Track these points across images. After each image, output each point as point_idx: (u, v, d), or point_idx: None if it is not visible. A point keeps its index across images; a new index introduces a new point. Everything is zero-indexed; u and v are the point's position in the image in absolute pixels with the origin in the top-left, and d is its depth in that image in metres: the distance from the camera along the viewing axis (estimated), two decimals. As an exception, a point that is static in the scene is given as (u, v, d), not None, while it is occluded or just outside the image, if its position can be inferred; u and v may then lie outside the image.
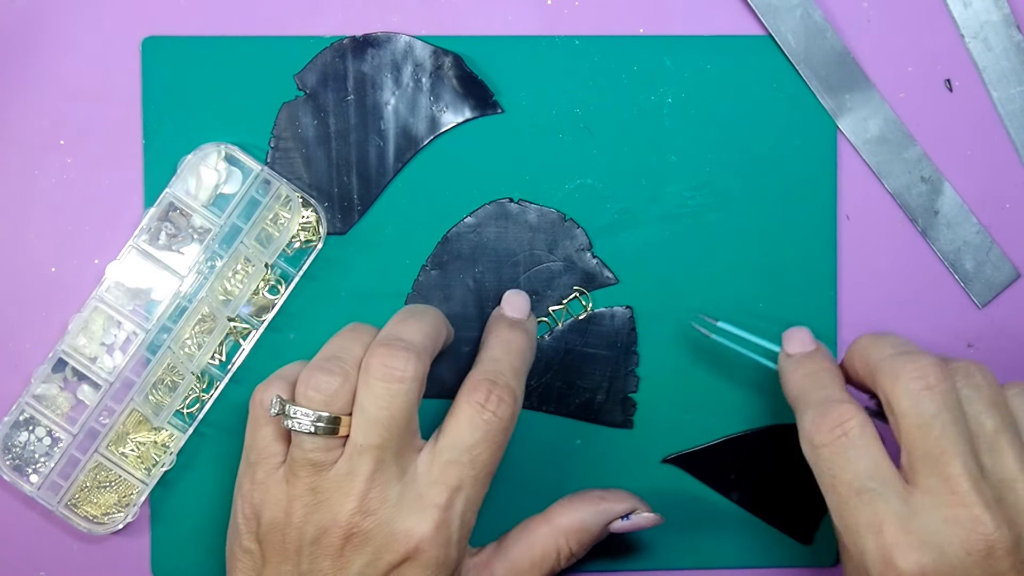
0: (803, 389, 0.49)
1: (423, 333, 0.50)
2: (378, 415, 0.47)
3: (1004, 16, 0.57)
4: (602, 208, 0.56)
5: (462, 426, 0.48)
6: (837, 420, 0.46)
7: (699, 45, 0.56)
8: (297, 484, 0.48)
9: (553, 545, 0.51)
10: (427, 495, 0.48)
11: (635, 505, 0.52)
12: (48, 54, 0.56)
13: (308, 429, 0.47)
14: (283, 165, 0.55)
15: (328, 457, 0.48)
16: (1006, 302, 0.57)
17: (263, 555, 0.49)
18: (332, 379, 0.48)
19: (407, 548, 0.47)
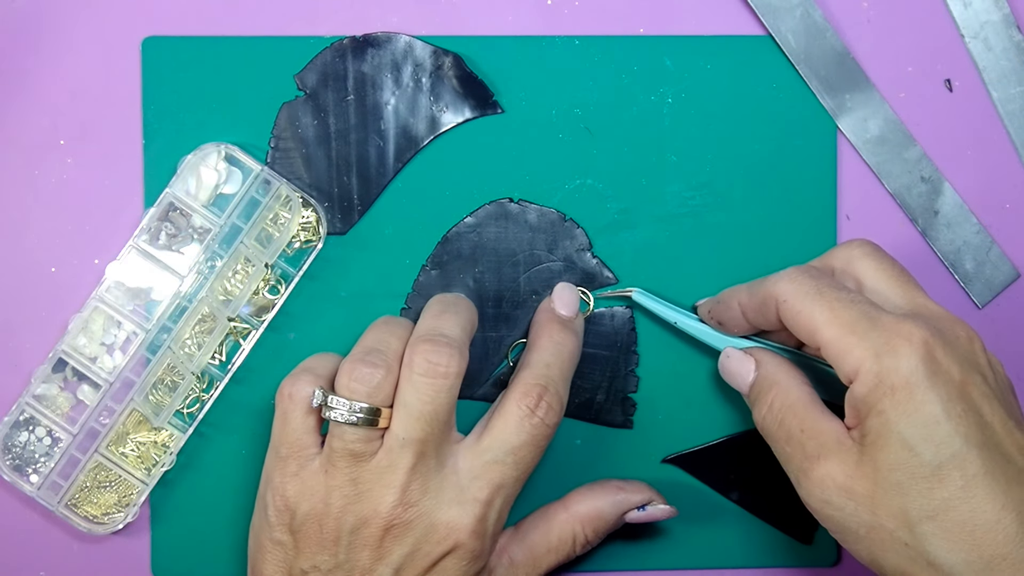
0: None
1: (461, 327, 0.51)
2: (422, 409, 0.48)
3: (1004, 16, 0.57)
4: (602, 208, 0.56)
5: (509, 427, 0.49)
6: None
7: (699, 45, 0.56)
8: (336, 475, 0.49)
9: (569, 531, 0.52)
10: (469, 489, 0.49)
11: (651, 496, 0.53)
12: (48, 54, 0.56)
13: (350, 420, 0.48)
14: (283, 165, 0.55)
15: (368, 448, 0.49)
16: (1006, 302, 0.57)
17: (296, 546, 0.49)
18: (375, 372, 0.49)
19: (448, 540, 0.48)
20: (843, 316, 0.45)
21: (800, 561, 0.57)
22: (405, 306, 0.56)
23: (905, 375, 0.43)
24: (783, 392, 0.49)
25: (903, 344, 0.44)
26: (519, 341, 0.56)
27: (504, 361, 0.56)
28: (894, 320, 0.45)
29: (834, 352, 0.45)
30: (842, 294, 0.46)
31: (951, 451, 0.43)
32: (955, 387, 0.44)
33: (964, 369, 0.44)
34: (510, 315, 0.56)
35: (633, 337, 0.56)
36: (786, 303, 0.47)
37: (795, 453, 0.47)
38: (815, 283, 0.47)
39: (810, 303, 0.46)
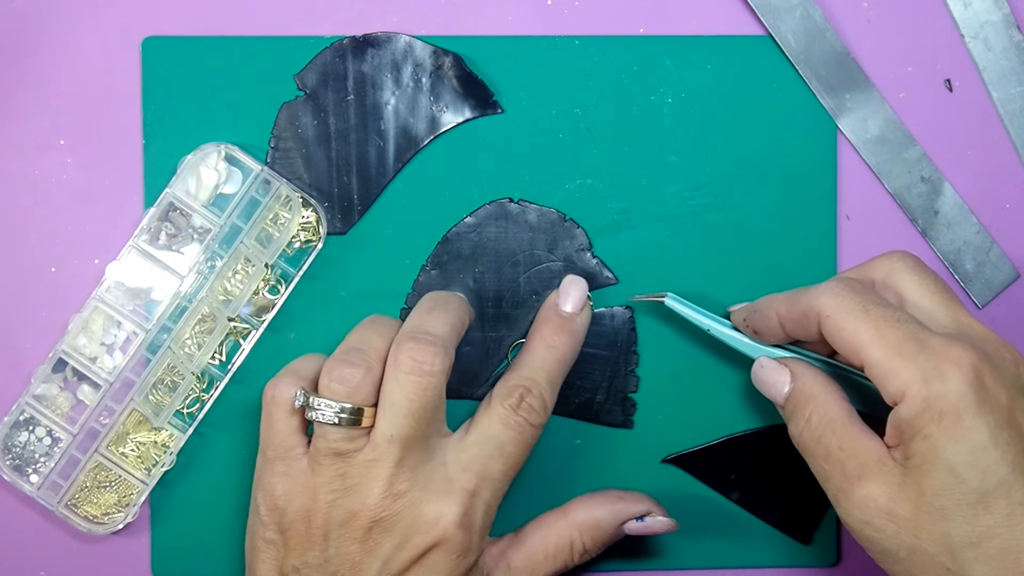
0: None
1: (449, 324, 0.51)
2: (409, 407, 0.49)
3: (1004, 16, 0.57)
4: (602, 208, 0.56)
5: (494, 423, 0.50)
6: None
7: (699, 45, 0.56)
8: (323, 472, 0.49)
9: (567, 538, 0.52)
10: (456, 480, 0.49)
11: (651, 507, 0.53)
12: (48, 54, 0.56)
13: (332, 420, 0.48)
14: (283, 165, 0.55)
15: (352, 446, 0.49)
16: (1006, 302, 0.57)
17: (286, 544, 0.49)
18: (355, 371, 0.49)
19: (435, 531, 0.48)
20: (889, 336, 0.44)
21: (800, 561, 0.57)
22: (405, 306, 0.56)
23: (954, 401, 0.43)
24: (821, 407, 0.48)
25: (952, 369, 0.43)
26: (519, 341, 0.56)
27: (504, 361, 0.56)
28: (942, 342, 0.44)
29: (880, 372, 0.44)
30: (888, 312, 0.45)
31: (997, 479, 0.42)
32: (1003, 413, 0.43)
33: (1011, 394, 0.44)
34: (510, 315, 0.56)
35: (633, 337, 0.56)
36: (829, 318, 0.46)
37: (834, 471, 0.46)
38: (860, 299, 0.46)
39: (855, 320, 0.45)
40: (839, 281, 0.47)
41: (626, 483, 0.56)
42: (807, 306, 0.47)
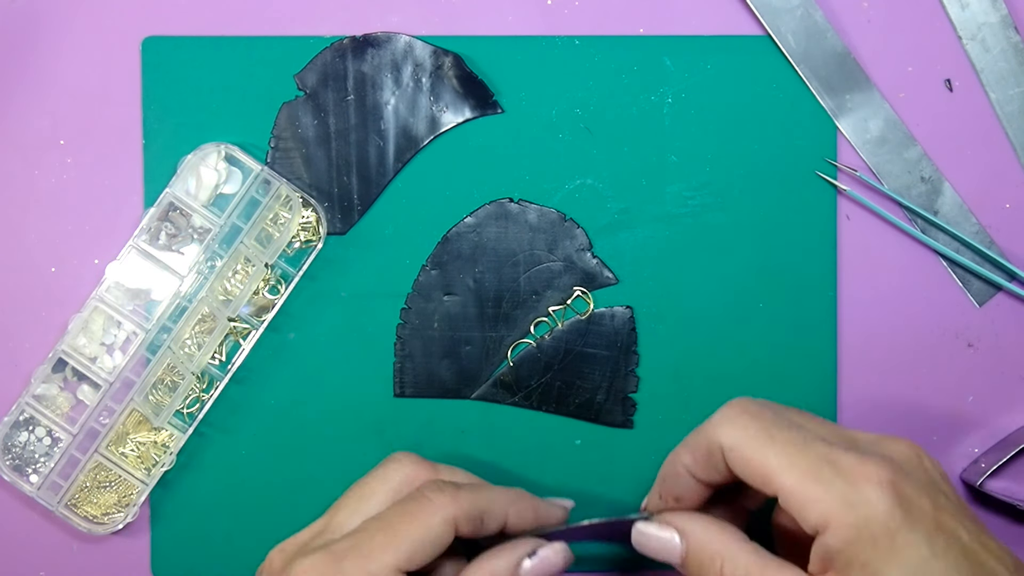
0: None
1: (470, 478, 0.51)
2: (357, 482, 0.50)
3: (1002, 18, 0.57)
4: (602, 208, 0.56)
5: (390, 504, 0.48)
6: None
7: (699, 45, 0.56)
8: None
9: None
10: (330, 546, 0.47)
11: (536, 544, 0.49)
12: (48, 54, 0.56)
13: None
14: (283, 165, 0.55)
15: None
16: (1005, 302, 0.58)
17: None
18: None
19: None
20: (801, 463, 0.42)
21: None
22: (405, 306, 0.56)
23: (884, 522, 0.41)
24: (731, 561, 0.45)
25: (873, 489, 0.42)
26: (519, 341, 0.56)
27: (504, 361, 0.56)
28: (855, 461, 0.42)
29: (796, 502, 0.42)
30: (794, 435, 0.43)
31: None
32: (930, 519, 0.42)
33: (931, 496, 0.43)
34: (510, 315, 0.56)
35: (633, 337, 0.56)
36: (733, 451, 0.44)
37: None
38: (761, 425, 0.44)
39: (761, 449, 0.43)
40: (735, 407, 0.45)
41: (626, 483, 0.56)
42: (708, 443, 0.45)
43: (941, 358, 0.57)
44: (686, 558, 0.46)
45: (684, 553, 0.46)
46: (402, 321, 0.56)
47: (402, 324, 0.56)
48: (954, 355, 0.57)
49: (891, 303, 0.57)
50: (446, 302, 0.56)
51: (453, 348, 0.56)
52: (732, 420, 0.45)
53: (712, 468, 0.46)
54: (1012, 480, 0.58)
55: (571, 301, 0.56)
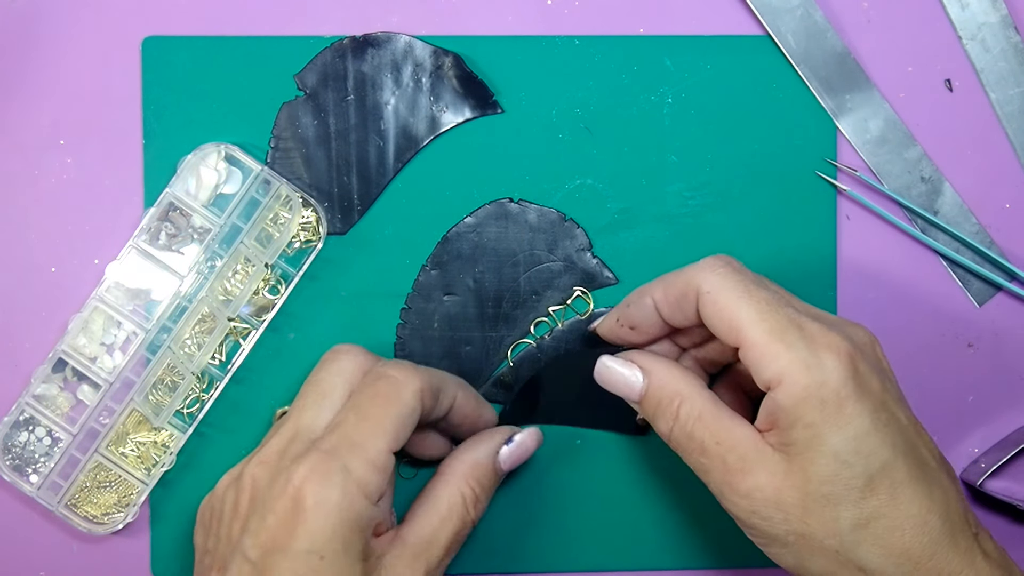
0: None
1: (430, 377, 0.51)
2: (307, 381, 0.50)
3: (1002, 17, 0.57)
4: (602, 208, 0.56)
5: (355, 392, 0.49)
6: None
7: (699, 45, 0.56)
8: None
9: (457, 494, 0.50)
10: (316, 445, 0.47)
11: (512, 430, 0.53)
12: (48, 54, 0.56)
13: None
14: (283, 165, 0.55)
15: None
16: (1005, 301, 0.58)
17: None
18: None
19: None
20: (770, 320, 0.45)
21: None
22: (405, 306, 0.56)
23: (835, 389, 0.43)
24: (688, 402, 0.47)
25: (831, 357, 0.44)
26: (519, 341, 0.56)
27: (504, 361, 0.56)
28: (820, 330, 0.45)
29: (756, 355, 0.45)
30: (769, 295, 0.46)
31: (881, 462, 0.44)
32: (877, 397, 0.44)
33: (879, 378, 0.45)
34: (510, 315, 0.56)
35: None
36: (709, 295, 0.46)
37: (714, 466, 0.46)
38: (741, 278, 0.46)
39: (736, 300, 0.45)
40: (719, 259, 0.47)
41: (626, 484, 0.56)
42: (686, 284, 0.47)
43: (941, 358, 0.57)
44: (645, 395, 0.49)
45: (644, 391, 0.49)
46: (402, 321, 0.56)
47: (402, 324, 0.56)
48: (954, 355, 0.57)
49: (891, 303, 0.57)
50: (446, 302, 0.56)
51: (453, 348, 0.56)
52: (715, 268, 0.47)
53: (680, 309, 0.48)
54: (1012, 480, 0.58)
55: (571, 301, 0.56)
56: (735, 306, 0.45)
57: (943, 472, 0.45)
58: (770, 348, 0.44)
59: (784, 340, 0.44)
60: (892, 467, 0.44)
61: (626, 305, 0.51)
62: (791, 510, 0.44)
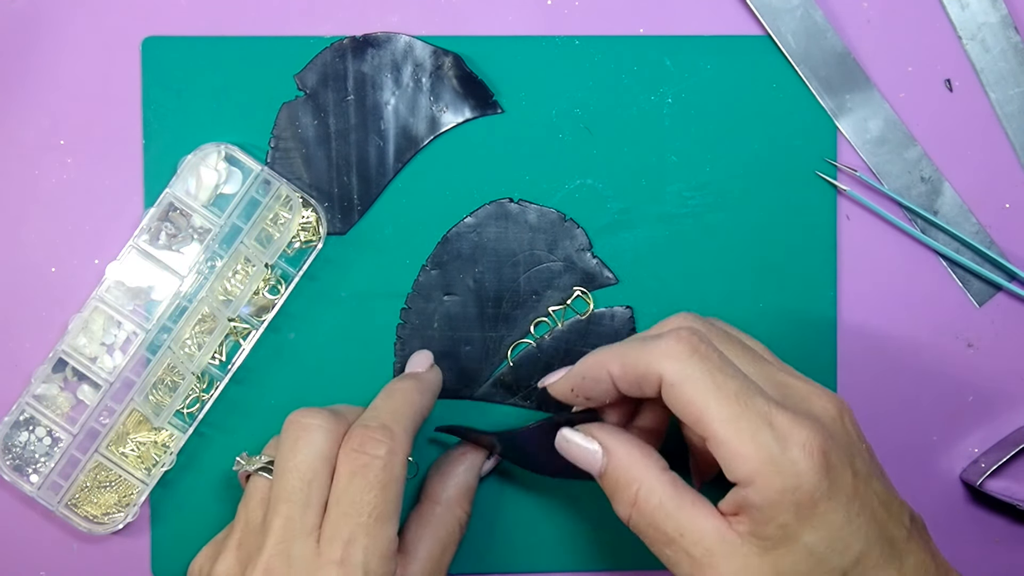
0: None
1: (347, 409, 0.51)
2: (284, 466, 0.48)
3: (1002, 18, 0.57)
4: (602, 208, 0.56)
5: (341, 477, 0.47)
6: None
7: (699, 45, 0.56)
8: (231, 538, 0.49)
9: (454, 521, 0.52)
10: (323, 553, 0.46)
11: (491, 444, 0.53)
12: (48, 54, 0.56)
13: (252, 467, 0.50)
14: (283, 165, 0.55)
15: (259, 510, 0.49)
16: (1005, 302, 0.58)
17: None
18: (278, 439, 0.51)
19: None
20: (742, 419, 0.43)
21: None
22: (405, 306, 0.56)
23: (809, 491, 0.43)
24: (647, 489, 0.46)
25: (804, 458, 0.43)
26: (519, 341, 0.56)
27: (504, 361, 0.56)
28: (790, 423, 0.43)
29: (727, 452, 0.43)
30: (738, 385, 0.44)
31: (855, 554, 0.43)
32: (849, 488, 0.44)
33: (851, 461, 0.44)
34: (510, 315, 0.56)
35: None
36: (673, 387, 0.44)
37: (680, 559, 0.45)
38: (706, 367, 0.44)
39: (703, 394, 0.44)
40: (681, 339, 0.45)
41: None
42: (646, 369, 0.45)
43: (941, 358, 0.57)
44: (604, 474, 0.47)
45: (603, 469, 0.47)
46: (402, 321, 0.56)
47: (402, 324, 0.56)
48: (954, 355, 0.57)
49: (891, 303, 0.57)
50: (446, 302, 0.56)
51: (453, 348, 0.56)
52: (679, 357, 0.45)
53: (639, 388, 0.46)
54: (1012, 480, 0.58)
55: (571, 301, 0.56)
56: (703, 402, 0.44)
57: (914, 539, 0.45)
58: (741, 449, 0.43)
59: (755, 441, 0.43)
60: (865, 556, 0.43)
61: (581, 377, 0.49)
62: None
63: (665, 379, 0.45)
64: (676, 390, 0.44)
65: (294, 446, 0.48)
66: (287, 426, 0.49)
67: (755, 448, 0.43)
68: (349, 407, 0.52)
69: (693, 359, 0.44)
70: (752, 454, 0.43)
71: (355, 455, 0.47)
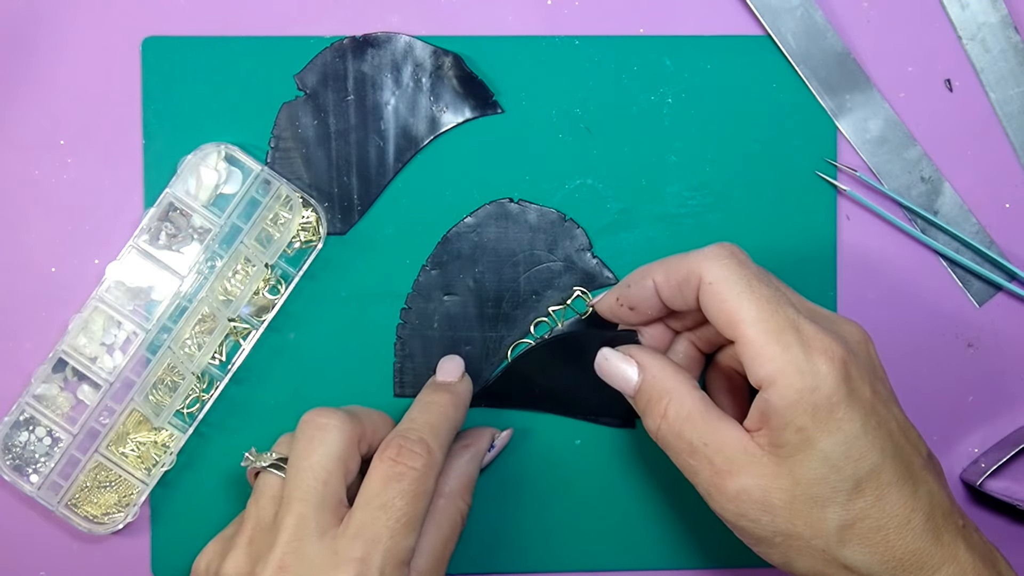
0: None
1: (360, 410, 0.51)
2: (299, 465, 0.48)
3: (1002, 18, 0.57)
4: (602, 208, 0.56)
5: (374, 481, 0.47)
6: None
7: (699, 45, 0.56)
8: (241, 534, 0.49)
9: (456, 512, 0.51)
10: (344, 551, 0.46)
11: (492, 434, 0.55)
12: (48, 54, 0.56)
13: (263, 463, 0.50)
14: (283, 165, 0.55)
15: (269, 508, 0.49)
16: (1005, 302, 0.58)
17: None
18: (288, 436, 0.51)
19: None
20: (770, 320, 0.45)
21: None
22: (405, 306, 0.56)
23: (827, 394, 0.44)
24: (677, 401, 0.48)
25: (825, 362, 0.44)
26: (519, 341, 0.56)
27: (504, 361, 0.56)
28: (816, 333, 0.45)
29: (752, 354, 0.45)
30: (771, 292, 0.46)
31: (869, 465, 0.44)
32: (867, 402, 0.45)
33: (871, 380, 0.46)
34: (510, 315, 0.56)
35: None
36: (711, 286, 0.46)
37: (702, 467, 0.47)
38: (744, 272, 0.46)
39: (738, 295, 0.46)
40: (723, 248, 0.47)
41: (626, 483, 0.56)
42: (688, 271, 0.47)
43: (941, 358, 0.57)
44: (638, 391, 0.49)
45: (638, 386, 0.49)
46: (402, 321, 0.56)
47: (402, 324, 0.56)
48: (954, 355, 0.57)
49: (891, 303, 0.57)
50: (446, 302, 0.56)
51: (453, 348, 0.56)
52: (720, 258, 0.47)
53: (680, 293, 0.48)
54: (1012, 480, 0.58)
55: (571, 301, 0.56)
56: (736, 301, 0.46)
57: (929, 470, 0.46)
58: (766, 349, 0.45)
59: (781, 342, 0.44)
60: (880, 470, 0.44)
61: (627, 285, 0.51)
62: (779, 512, 0.45)
63: (704, 278, 0.46)
64: (713, 288, 0.46)
65: (309, 445, 0.48)
66: (302, 425, 0.49)
67: (780, 349, 0.44)
68: (363, 408, 0.52)
69: (732, 262, 0.46)
70: (776, 355, 0.44)
71: (391, 463, 0.48)
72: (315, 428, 0.48)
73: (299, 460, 0.48)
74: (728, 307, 0.46)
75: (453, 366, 0.54)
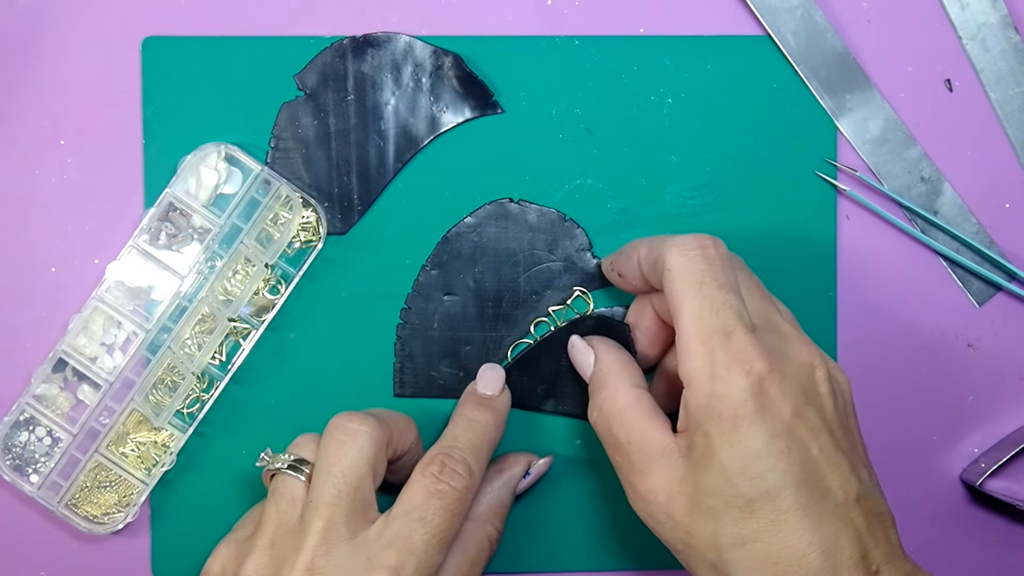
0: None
1: (387, 414, 0.51)
2: (329, 470, 0.48)
3: (1002, 18, 0.57)
4: (602, 208, 0.56)
5: (416, 493, 0.48)
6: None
7: (699, 45, 0.56)
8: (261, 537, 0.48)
9: (483, 536, 0.51)
10: (377, 558, 0.46)
11: (529, 460, 0.54)
12: (48, 54, 0.56)
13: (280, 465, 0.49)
14: (283, 165, 0.55)
15: (292, 510, 0.48)
16: (1005, 302, 0.58)
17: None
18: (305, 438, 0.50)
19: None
20: (706, 320, 0.45)
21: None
22: (405, 306, 0.56)
23: (733, 406, 0.44)
24: (610, 397, 0.49)
25: (740, 375, 0.44)
26: (519, 341, 0.56)
27: (504, 361, 0.56)
28: (745, 344, 0.44)
29: (682, 348, 0.46)
30: (720, 294, 0.45)
31: (766, 486, 0.43)
32: (783, 423, 0.44)
33: (798, 403, 0.44)
34: (510, 315, 0.56)
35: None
36: (670, 273, 0.47)
37: (623, 463, 0.47)
38: (703, 267, 0.46)
39: (686, 288, 0.46)
40: (697, 239, 0.47)
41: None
42: (659, 253, 0.48)
43: (941, 358, 0.57)
44: (591, 379, 0.51)
45: (590, 376, 0.51)
46: (402, 321, 0.56)
47: (402, 324, 0.56)
48: (954, 355, 0.57)
49: (891, 303, 0.57)
50: (446, 302, 0.56)
51: (453, 348, 0.56)
52: (688, 248, 0.47)
53: (654, 271, 0.49)
54: (1012, 480, 0.58)
55: (571, 301, 0.56)
56: (683, 293, 0.46)
57: (852, 511, 0.44)
58: (692, 346, 0.45)
59: (707, 343, 0.45)
60: (777, 494, 0.43)
61: (620, 252, 0.52)
62: (679, 518, 0.45)
63: (666, 264, 0.47)
64: (669, 275, 0.47)
65: (339, 450, 0.48)
66: (331, 430, 0.49)
67: (703, 350, 0.45)
68: (388, 412, 0.52)
69: (695, 254, 0.47)
70: (699, 355, 0.45)
71: (434, 480, 0.48)
72: (346, 433, 0.48)
73: (330, 466, 0.48)
74: (676, 297, 0.46)
75: (495, 377, 0.54)
